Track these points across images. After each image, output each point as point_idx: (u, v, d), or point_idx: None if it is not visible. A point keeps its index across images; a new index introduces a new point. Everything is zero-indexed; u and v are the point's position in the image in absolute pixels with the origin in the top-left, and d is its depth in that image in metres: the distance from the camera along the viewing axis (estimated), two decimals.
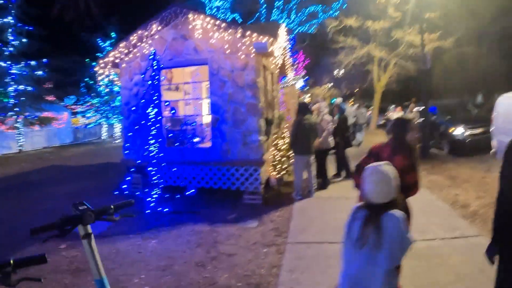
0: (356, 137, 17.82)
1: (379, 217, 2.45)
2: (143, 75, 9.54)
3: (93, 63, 18.30)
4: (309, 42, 24.49)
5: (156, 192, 8.07)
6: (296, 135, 8.50)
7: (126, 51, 9.55)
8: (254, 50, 7.90)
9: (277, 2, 26.35)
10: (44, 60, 22.12)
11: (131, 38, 9.39)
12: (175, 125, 10.63)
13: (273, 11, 26.59)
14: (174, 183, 9.28)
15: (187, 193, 8.57)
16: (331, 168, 10.44)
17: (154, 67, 8.50)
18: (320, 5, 22.31)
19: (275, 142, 9.68)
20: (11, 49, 21.15)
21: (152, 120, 9.19)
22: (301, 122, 8.40)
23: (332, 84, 36.89)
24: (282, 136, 11.72)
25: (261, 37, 7.67)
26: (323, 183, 9.53)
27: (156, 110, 9.11)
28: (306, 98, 30.03)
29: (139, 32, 9.24)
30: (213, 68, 8.61)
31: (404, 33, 20.41)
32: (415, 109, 17.95)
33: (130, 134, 9.60)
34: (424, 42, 19.10)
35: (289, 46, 11.43)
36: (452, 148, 14.17)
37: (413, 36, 20.24)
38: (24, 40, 21.44)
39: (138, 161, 8.81)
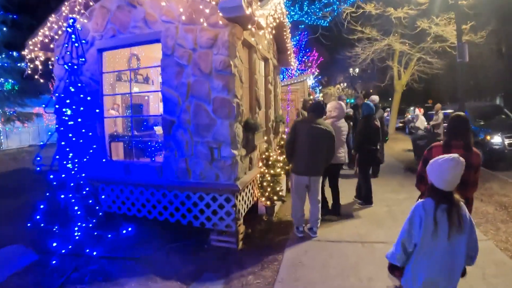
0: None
1: (457, 204, 2.55)
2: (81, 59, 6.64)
3: None
4: (322, 33, 21.18)
5: (84, 224, 5.17)
6: (293, 144, 5.58)
7: (56, 27, 6.61)
8: (221, 14, 4.84)
9: None
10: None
11: (63, 8, 6.47)
12: (138, 129, 7.69)
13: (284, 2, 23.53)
14: (119, 210, 6.36)
15: (124, 231, 5.53)
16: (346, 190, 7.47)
17: (76, 46, 5.52)
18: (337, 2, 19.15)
19: (265, 155, 6.61)
20: None
21: (89, 121, 6.32)
22: (305, 125, 5.54)
23: (346, 83, 33.67)
24: (281, 144, 8.61)
25: None
26: (334, 209, 6.68)
27: (96, 108, 6.25)
28: (319, 97, 26.89)
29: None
30: (167, 46, 5.58)
31: (430, 23, 16.95)
32: (442, 112, 15.09)
33: (63, 143, 6.62)
34: (453, 33, 15.83)
35: (288, 22, 8.28)
36: (488, 159, 11.23)
37: (442, 26, 16.81)
38: (5, 29, 18.82)
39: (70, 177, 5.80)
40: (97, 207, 5.68)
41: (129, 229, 5.50)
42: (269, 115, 7.89)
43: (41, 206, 5.52)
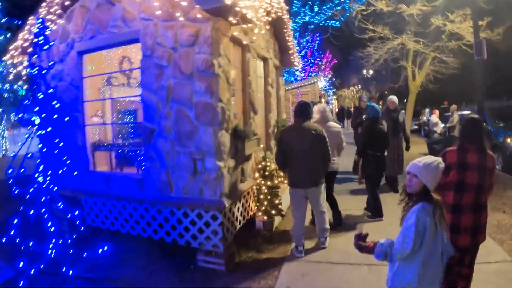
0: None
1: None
2: (61, 63, 6.10)
3: None
4: (333, 33, 20.34)
5: (62, 240, 4.63)
6: (283, 155, 4.97)
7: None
8: (197, 5, 4.17)
9: None
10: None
11: (41, 10, 5.95)
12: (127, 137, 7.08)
13: (294, 2, 22.84)
14: (102, 224, 5.80)
15: (104, 249, 4.90)
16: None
17: (43, 46, 4.92)
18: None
19: (262, 164, 5.90)
20: None
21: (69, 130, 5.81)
22: (292, 133, 4.88)
23: (360, 85, 32.69)
24: None
25: None
26: (334, 219, 6.07)
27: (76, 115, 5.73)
28: (332, 100, 26.10)
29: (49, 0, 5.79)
30: (147, 46, 4.95)
31: (445, 20, 15.92)
32: (457, 113, 14.25)
33: (45, 149, 6.06)
34: (469, 30, 14.82)
35: (288, 14, 7.50)
36: (508, 163, 10.31)
37: (457, 23, 15.77)
38: (9, 35, 18.60)
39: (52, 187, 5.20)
40: (77, 222, 5.11)
41: (105, 248, 4.88)
42: (269, 120, 7.18)
43: (15, 221, 4.94)
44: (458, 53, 18.74)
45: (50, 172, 5.12)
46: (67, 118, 5.45)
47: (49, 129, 4.95)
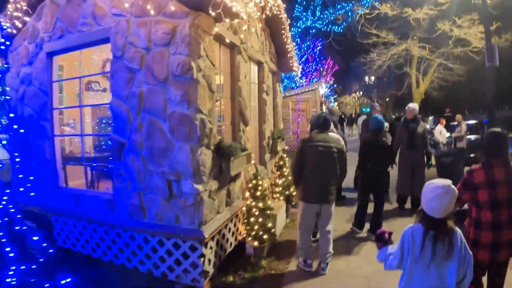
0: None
1: (447, 232, 2.41)
2: (29, 65, 5.35)
3: None
4: (334, 38, 19.53)
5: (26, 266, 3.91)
6: (302, 168, 4.53)
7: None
8: None
9: None
10: None
11: (9, 6, 5.20)
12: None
13: (295, 6, 22.09)
14: (73, 246, 5.02)
15: (63, 282, 4.09)
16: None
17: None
18: (350, 2, 17.45)
19: (252, 183, 5.08)
20: None
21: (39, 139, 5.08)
22: (314, 145, 4.49)
23: (361, 92, 31.87)
24: (280, 165, 7.08)
25: None
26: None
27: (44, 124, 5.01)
28: (333, 106, 25.24)
29: None
30: (117, 46, 4.17)
31: (452, 25, 15.12)
32: (465, 123, 13.54)
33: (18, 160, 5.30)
34: (476, 36, 14.06)
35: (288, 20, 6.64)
36: None
37: (465, 29, 14.97)
38: None
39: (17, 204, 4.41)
40: (44, 244, 4.36)
41: (68, 279, 4.08)
42: (264, 131, 6.37)
43: None
44: (464, 59, 17.98)
45: (13, 187, 4.37)
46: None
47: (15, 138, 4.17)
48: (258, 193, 4.98)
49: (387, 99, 30.86)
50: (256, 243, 5.00)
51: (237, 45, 4.82)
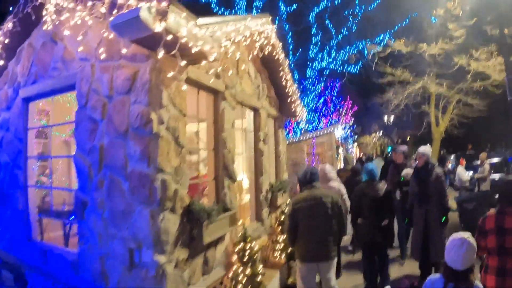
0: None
1: (467, 284, 2.46)
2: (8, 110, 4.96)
3: None
4: (349, 78, 18.94)
5: None
6: (295, 230, 4.12)
7: None
8: (112, 33, 2.90)
9: (314, 37, 21.59)
10: None
11: None
12: None
13: (311, 47, 21.81)
14: None
15: None
16: None
17: None
18: (364, 41, 16.98)
19: (239, 246, 4.32)
20: None
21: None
22: (304, 204, 4.08)
23: (381, 132, 30.93)
24: (282, 221, 6.26)
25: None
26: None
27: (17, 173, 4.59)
28: (353, 149, 24.27)
29: None
30: (82, 93, 3.66)
31: (469, 58, 14.30)
32: (488, 162, 12.38)
33: None
34: (496, 68, 13.25)
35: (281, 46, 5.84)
36: None
37: (483, 62, 14.12)
38: None
39: None
40: None
41: None
42: (261, 184, 5.64)
43: None
44: (483, 94, 17.07)
45: None
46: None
47: None
48: (246, 258, 4.24)
49: (408, 139, 29.76)
50: None
51: (221, 90, 4.23)
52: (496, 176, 12.74)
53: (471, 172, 15.21)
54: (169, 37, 2.59)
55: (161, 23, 2.54)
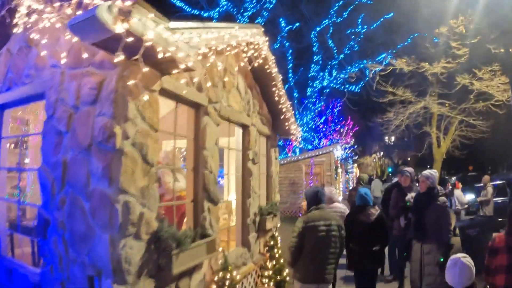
0: None
1: None
2: None
3: None
4: (349, 98, 18.66)
5: None
6: (301, 248, 4.00)
7: None
8: (72, 35, 2.57)
9: (315, 56, 21.43)
10: None
11: None
12: None
13: (312, 66, 21.64)
14: None
15: None
16: None
17: None
18: (365, 61, 16.74)
19: (219, 275, 3.92)
20: None
21: None
22: (314, 227, 4.00)
23: (382, 152, 30.55)
24: (271, 245, 5.87)
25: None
26: None
27: None
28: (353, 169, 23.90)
29: None
30: (50, 103, 3.33)
31: (472, 78, 13.95)
32: (491, 185, 11.83)
33: None
34: (499, 88, 12.92)
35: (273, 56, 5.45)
36: None
37: (486, 81, 13.76)
38: None
39: None
40: None
41: None
42: (248, 207, 5.22)
43: None
44: (486, 114, 16.69)
45: None
46: None
47: None
48: None
49: (409, 159, 29.30)
50: None
51: (203, 104, 3.90)
52: (499, 199, 12.29)
53: (472, 195, 14.71)
54: (131, 40, 2.27)
55: (123, 23, 2.23)
